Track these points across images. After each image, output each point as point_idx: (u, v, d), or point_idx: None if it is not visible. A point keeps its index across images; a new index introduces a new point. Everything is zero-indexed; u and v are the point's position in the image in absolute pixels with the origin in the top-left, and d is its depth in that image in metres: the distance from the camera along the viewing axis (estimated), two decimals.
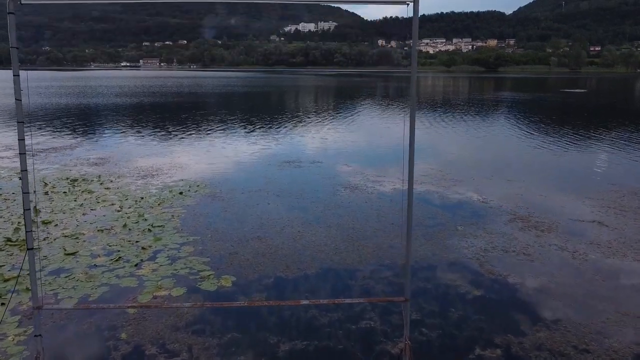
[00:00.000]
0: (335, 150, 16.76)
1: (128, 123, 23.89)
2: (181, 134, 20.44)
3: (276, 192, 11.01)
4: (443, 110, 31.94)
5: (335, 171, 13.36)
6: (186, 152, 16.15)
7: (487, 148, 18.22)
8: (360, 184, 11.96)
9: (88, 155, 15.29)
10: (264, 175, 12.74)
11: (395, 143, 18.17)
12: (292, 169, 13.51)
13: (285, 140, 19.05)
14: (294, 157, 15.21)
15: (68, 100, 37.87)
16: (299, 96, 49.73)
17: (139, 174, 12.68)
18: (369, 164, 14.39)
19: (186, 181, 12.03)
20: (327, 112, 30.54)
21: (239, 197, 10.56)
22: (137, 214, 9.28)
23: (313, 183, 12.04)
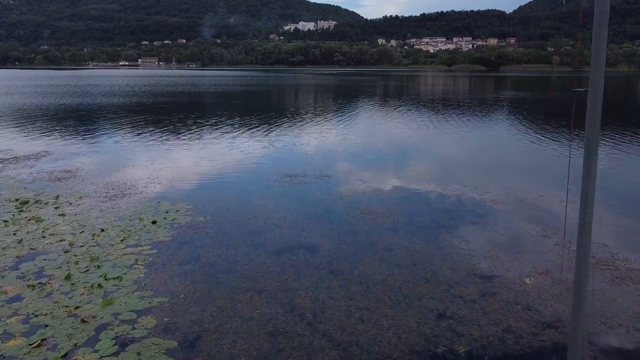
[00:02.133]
0: (343, 160, 14.40)
1: (110, 126, 21.52)
2: (168, 138, 18.10)
3: (276, 222, 8.64)
4: (471, 112, 29.62)
5: (349, 189, 11.00)
6: (172, 160, 13.81)
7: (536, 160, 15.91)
8: (382, 208, 9.59)
9: (54, 166, 12.93)
10: (261, 195, 10.38)
11: (403, 146, 15.79)
12: (295, 186, 11.16)
13: (286, 146, 16.71)
14: (297, 169, 12.86)
15: (49, 100, 35.48)
16: (298, 95, 47.40)
17: (107, 194, 10.32)
18: (385, 177, 12.03)
19: (165, 202, 9.68)
20: (329, 113, 28.20)
21: (229, 229, 8.20)
22: (89, 257, 6.92)
23: (322, 207, 9.68)
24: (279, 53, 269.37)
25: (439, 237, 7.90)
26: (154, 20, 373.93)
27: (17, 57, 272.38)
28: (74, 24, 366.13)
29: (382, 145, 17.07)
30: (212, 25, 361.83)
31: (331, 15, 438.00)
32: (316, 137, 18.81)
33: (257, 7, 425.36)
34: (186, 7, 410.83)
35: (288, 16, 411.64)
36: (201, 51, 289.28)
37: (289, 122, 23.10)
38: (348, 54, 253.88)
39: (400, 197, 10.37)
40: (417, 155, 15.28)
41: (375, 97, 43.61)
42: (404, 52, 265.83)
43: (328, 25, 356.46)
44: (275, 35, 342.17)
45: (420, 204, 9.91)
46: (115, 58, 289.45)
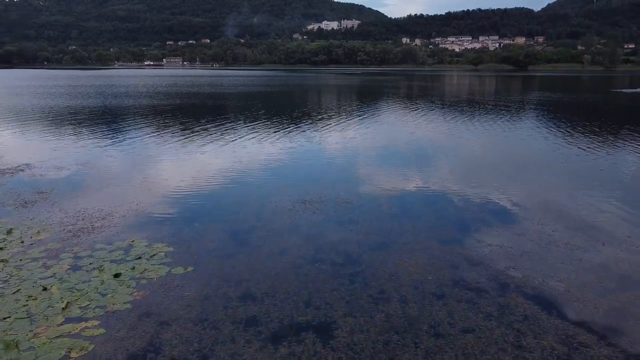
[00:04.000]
0: (368, 180, 12.12)
1: (106, 132, 19.65)
2: (168, 147, 16.08)
3: (278, 282, 6.45)
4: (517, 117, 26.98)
5: (380, 228, 8.75)
6: (165, 176, 11.75)
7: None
8: (423, 259, 7.33)
9: (27, 185, 11.00)
10: (265, 232, 8.19)
11: (429, 152, 13.35)
12: (310, 217, 8.94)
13: (302, 154, 14.51)
14: (312, 190, 10.64)
15: (55, 102, 34.01)
16: (319, 96, 45.16)
17: (73, 226, 8.29)
18: (416, 205, 9.75)
19: (140, 241, 7.60)
20: (350, 115, 25.89)
21: (212, 293, 6.05)
22: (2, 344, 4.86)
23: (342, 255, 7.46)
24: (301, 52, 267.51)
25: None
26: (179, 21, 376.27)
27: (46, 57, 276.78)
28: (101, 25, 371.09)
29: (406, 151, 14.74)
30: (236, 25, 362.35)
31: (354, 14, 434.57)
32: (335, 142, 16.56)
33: (280, 6, 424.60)
34: (210, 7, 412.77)
35: (311, 16, 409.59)
36: (225, 51, 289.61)
37: (307, 126, 20.90)
38: (371, 53, 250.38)
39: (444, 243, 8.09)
40: (443, 160, 12.91)
41: (398, 97, 41.12)
42: (428, 51, 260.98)
43: (351, 25, 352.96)
44: (298, 35, 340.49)
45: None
46: (141, 58, 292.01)
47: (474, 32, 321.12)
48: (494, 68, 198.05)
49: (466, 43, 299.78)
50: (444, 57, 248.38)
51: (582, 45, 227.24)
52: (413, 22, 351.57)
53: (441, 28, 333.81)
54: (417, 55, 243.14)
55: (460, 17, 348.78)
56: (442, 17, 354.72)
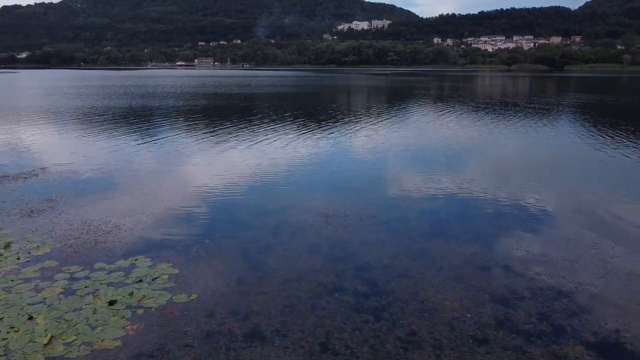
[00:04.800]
0: (396, 190, 11.17)
1: (133, 133, 19.20)
2: (192, 148, 15.47)
3: (294, 318, 5.62)
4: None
5: (410, 249, 7.84)
6: (183, 181, 11.09)
7: None
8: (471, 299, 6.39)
9: (37, 192, 10.49)
10: (282, 252, 7.38)
11: (462, 158, 12.24)
12: (330, 234, 8.08)
13: (325, 163, 13.67)
14: (336, 202, 9.78)
15: (84, 102, 34.08)
16: (348, 97, 44.18)
17: (76, 240, 7.65)
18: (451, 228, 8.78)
19: (143, 260, 6.90)
20: (378, 117, 24.88)
21: (216, 329, 5.27)
22: None
23: (369, 285, 6.59)
24: (331, 53, 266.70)
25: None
26: (210, 21, 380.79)
27: (82, 58, 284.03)
28: (135, 26, 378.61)
29: (437, 157, 13.68)
30: (267, 25, 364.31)
31: (385, 14, 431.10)
32: (362, 146, 15.65)
33: (311, 7, 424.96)
34: (241, 8, 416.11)
35: (342, 16, 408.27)
36: (255, 51, 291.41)
37: (333, 129, 20.01)
38: (402, 53, 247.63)
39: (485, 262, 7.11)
40: (476, 167, 11.81)
41: (429, 99, 39.78)
42: (460, 51, 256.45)
43: (382, 25, 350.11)
44: (328, 35, 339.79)
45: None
46: (173, 58, 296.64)
47: (507, 32, 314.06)
48: (528, 68, 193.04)
49: (499, 43, 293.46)
50: (476, 57, 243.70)
51: (621, 44, 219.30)
52: (445, 21, 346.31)
53: (473, 28, 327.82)
54: (449, 55, 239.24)
55: (494, 17, 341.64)
56: (475, 17, 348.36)
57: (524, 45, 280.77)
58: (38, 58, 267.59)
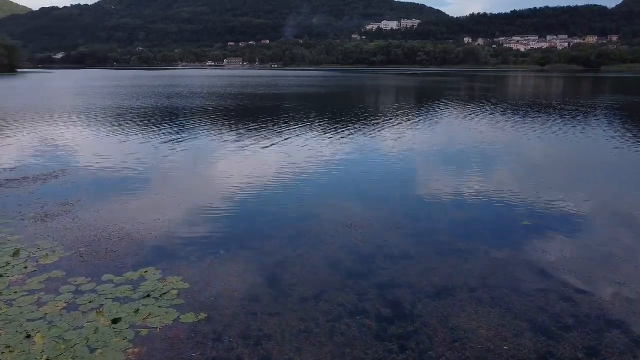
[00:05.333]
0: (425, 197, 10.53)
1: (155, 133, 19.03)
2: (213, 150, 15.14)
3: (316, 355, 5.10)
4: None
5: (440, 266, 7.24)
6: (201, 185, 10.70)
7: None
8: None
9: (54, 195, 10.26)
10: (301, 264, 6.89)
11: (495, 166, 11.44)
12: (353, 247, 7.54)
13: (349, 167, 13.11)
14: (360, 210, 9.22)
15: (112, 102, 34.32)
16: (376, 98, 43.45)
17: (87, 248, 7.32)
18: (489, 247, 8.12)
19: (153, 272, 6.51)
20: (407, 120, 24.15)
21: (224, 356, 4.82)
22: None
23: (397, 308, 6.03)
24: (360, 53, 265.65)
25: None
26: (240, 22, 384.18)
27: (116, 58, 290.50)
28: (167, 27, 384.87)
29: (468, 162, 12.93)
30: (295, 25, 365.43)
31: (415, 14, 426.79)
32: (389, 149, 15.04)
33: (339, 7, 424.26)
34: (270, 9, 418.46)
35: (371, 16, 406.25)
36: (283, 51, 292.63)
37: (359, 131, 19.42)
38: (432, 53, 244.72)
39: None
40: (509, 172, 11.01)
41: (459, 99, 38.70)
42: (491, 51, 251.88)
43: (412, 24, 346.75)
44: (357, 35, 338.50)
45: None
46: (203, 58, 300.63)
47: (541, 31, 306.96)
48: (562, 69, 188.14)
49: (532, 43, 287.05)
50: (508, 57, 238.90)
51: None
52: (476, 21, 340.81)
53: (505, 27, 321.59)
54: (480, 55, 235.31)
55: (527, 16, 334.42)
56: (507, 16, 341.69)
57: (558, 45, 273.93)
58: (73, 58, 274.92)
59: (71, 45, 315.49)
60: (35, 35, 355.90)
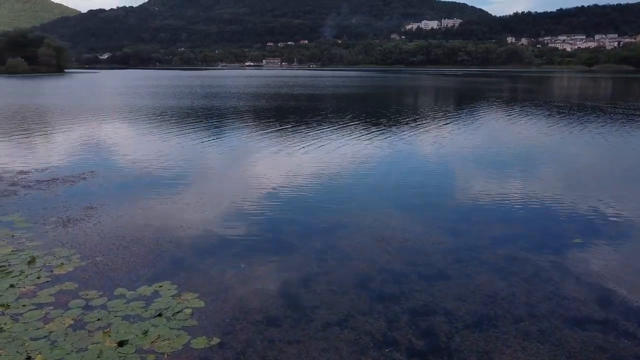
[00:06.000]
0: (464, 209, 9.79)
1: (187, 134, 18.87)
2: (244, 151, 14.80)
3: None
4: None
5: (481, 290, 6.55)
6: (230, 189, 10.29)
7: None
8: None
9: (80, 198, 10.05)
10: (327, 282, 6.32)
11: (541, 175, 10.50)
12: (384, 264, 6.92)
13: (384, 173, 12.46)
14: (394, 222, 8.59)
15: (149, 101, 34.67)
16: (414, 99, 42.41)
17: (103, 256, 6.98)
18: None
19: (168, 287, 6.09)
20: (446, 122, 23.20)
21: None
22: None
23: (431, 339, 5.39)
24: (398, 53, 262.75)
25: None
26: (279, 22, 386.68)
27: (158, 59, 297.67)
28: (208, 27, 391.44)
29: (511, 169, 12.02)
30: (334, 25, 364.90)
31: (456, 13, 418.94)
32: (426, 154, 14.28)
33: (379, 6, 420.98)
34: (310, 9, 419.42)
35: (410, 15, 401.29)
36: (321, 51, 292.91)
37: (395, 134, 18.69)
38: (473, 53, 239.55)
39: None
40: (556, 179, 10.08)
41: (500, 101, 37.22)
42: (535, 51, 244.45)
43: (452, 24, 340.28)
44: (396, 35, 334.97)
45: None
46: (242, 59, 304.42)
47: (588, 30, 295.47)
48: (611, 69, 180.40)
49: (579, 42, 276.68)
50: (553, 58, 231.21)
51: None
52: (519, 20, 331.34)
53: (551, 26, 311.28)
54: (523, 55, 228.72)
55: (573, 14, 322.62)
56: (553, 15, 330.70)
57: (607, 44, 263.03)
58: (118, 59, 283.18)
59: (116, 46, 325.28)
60: (83, 36, 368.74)
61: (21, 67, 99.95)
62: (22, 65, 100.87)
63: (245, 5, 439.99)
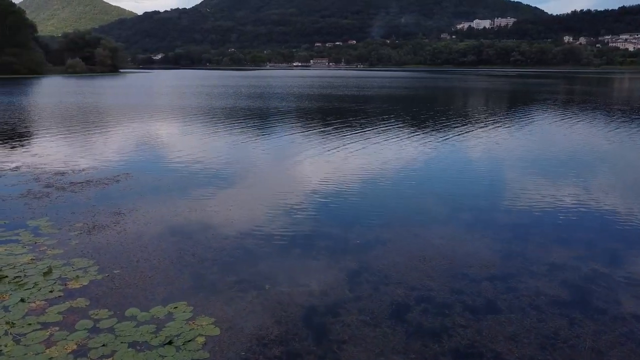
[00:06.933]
0: (519, 229, 8.81)
1: (224, 136, 18.57)
2: (282, 156, 14.28)
3: None
4: None
5: (542, 332, 5.65)
6: (262, 197, 9.74)
7: None
8: None
9: (110, 203, 9.76)
10: (357, 314, 5.60)
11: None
12: (424, 293, 6.13)
13: (427, 183, 11.59)
14: (439, 241, 7.77)
15: (193, 101, 34.86)
16: (463, 101, 40.84)
17: (121, 269, 6.54)
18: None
19: (185, 306, 5.55)
20: (497, 127, 21.90)
21: None
22: None
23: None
24: (448, 53, 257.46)
25: None
26: (327, 23, 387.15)
27: (208, 59, 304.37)
28: (257, 28, 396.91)
29: (572, 187, 10.86)
30: (382, 25, 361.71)
31: (510, 12, 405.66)
32: (475, 163, 13.26)
33: (429, 6, 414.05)
34: (358, 9, 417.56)
35: (462, 14, 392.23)
36: (369, 52, 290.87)
37: (441, 140, 17.67)
38: (527, 53, 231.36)
39: None
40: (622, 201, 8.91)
41: (555, 104, 35.15)
42: (595, 51, 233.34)
43: (506, 23, 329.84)
44: (446, 35, 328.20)
45: None
46: (290, 59, 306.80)
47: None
48: None
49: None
50: (614, 57, 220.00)
51: None
52: (578, 18, 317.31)
53: (612, 24, 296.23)
54: (581, 55, 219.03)
55: (637, 12, 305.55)
56: (614, 13, 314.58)
57: None
58: (170, 59, 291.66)
59: (169, 47, 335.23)
60: (139, 37, 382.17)
61: (79, 67, 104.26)
62: (80, 65, 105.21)
63: (294, 6, 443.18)
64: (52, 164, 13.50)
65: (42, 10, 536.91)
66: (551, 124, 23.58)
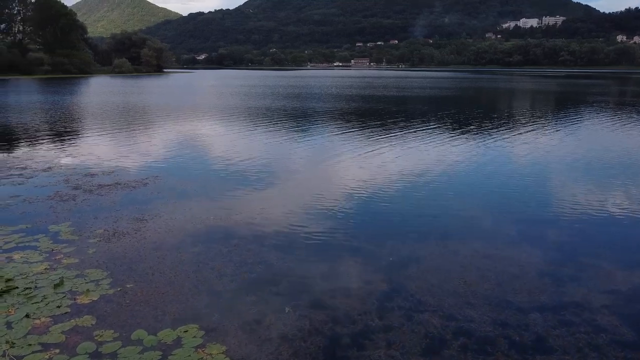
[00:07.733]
0: (569, 245, 7.92)
1: (257, 138, 18.16)
2: (314, 159, 13.72)
3: None
4: None
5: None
6: (288, 206, 9.21)
7: None
8: None
9: (133, 208, 9.43)
10: (384, 345, 4.95)
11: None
12: (463, 324, 5.40)
13: (467, 195, 10.76)
14: (480, 262, 7.01)
15: (231, 101, 34.77)
16: (508, 103, 39.18)
17: (134, 284, 6.12)
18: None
19: (196, 330, 5.06)
20: (544, 132, 20.60)
21: None
22: None
23: None
24: (493, 52, 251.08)
25: None
26: (369, 23, 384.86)
27: (250, 59, 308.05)
28: (299, 29, 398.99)
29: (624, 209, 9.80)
30: (425, 25, 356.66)
31: (559, 10, 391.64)
32: (521, 171, 12.29)
33: (474, 4, 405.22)
34: (401, 8, 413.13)
35: (508, 13, 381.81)
36: (411, 51, 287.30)
37: (481, 146, 16.68)
38: (576, 53, 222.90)
39: None
40: None
41: (607, 106, 33.11)
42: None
43: (554, 21, 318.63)
44: (491, 34, 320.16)
45: None
46: (331, 59, 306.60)
47: None
48: None
49: None
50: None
51: None
52: (632, 16, 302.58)
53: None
54: (635, 54, 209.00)
55: None
56: None
57: None
58: (213, 59, 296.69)
59: (213, 47, 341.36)
60: (183, 38, 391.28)
61: (125, 67, 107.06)
62: (127, 65, 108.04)
63: (336, 6, 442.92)
64: (84, 164, 13.42)
65: (92, 12, 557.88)
66: (604, 128, 22.08)
